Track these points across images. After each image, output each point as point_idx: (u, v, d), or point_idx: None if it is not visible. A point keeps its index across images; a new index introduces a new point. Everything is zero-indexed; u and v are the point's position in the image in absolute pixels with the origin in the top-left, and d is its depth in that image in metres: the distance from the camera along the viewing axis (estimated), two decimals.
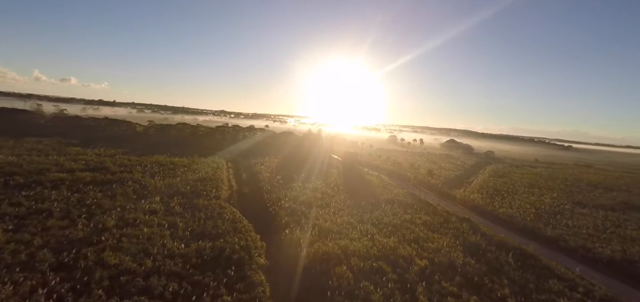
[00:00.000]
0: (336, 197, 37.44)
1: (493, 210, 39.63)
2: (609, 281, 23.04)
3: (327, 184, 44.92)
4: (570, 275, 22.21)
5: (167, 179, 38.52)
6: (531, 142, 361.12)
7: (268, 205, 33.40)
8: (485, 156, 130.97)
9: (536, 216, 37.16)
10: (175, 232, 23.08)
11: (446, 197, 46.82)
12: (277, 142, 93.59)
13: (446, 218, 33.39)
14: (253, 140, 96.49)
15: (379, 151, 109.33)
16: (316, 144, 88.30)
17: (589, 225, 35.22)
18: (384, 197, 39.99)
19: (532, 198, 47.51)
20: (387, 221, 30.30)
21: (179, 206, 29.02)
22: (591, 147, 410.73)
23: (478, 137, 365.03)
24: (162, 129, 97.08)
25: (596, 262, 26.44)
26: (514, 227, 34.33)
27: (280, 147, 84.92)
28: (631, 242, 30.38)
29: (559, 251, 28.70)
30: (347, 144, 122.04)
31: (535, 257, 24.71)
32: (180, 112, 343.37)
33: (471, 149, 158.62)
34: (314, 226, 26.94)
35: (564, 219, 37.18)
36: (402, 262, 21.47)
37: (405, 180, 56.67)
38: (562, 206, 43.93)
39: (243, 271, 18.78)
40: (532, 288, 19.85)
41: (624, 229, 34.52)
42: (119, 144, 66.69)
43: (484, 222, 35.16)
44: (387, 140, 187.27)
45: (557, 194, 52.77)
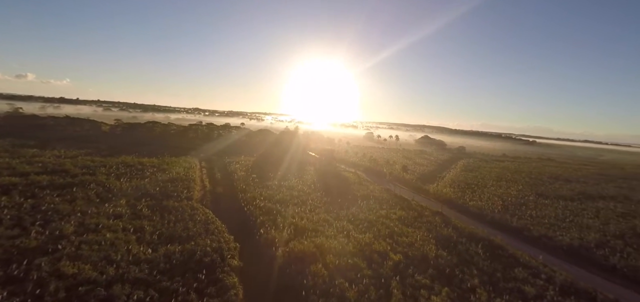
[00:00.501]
0: (312, 195, 37.24)
1: (464, 203, 41.11)
2: (569, 267, 24.53)
3: (303, 181, 44.62)
4: (534, 263, 23.40)
5: (134, 180, 36.54)
6: (499, 137, 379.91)
7: (243, 204, 32.58)
8: (458, 151, 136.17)
9: (503, 207, 38.96)
10: (141, 237, 21.86)
11: (420, 192, 48.01)
12: (253, 140, 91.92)
13: (420, 212, 34.19)
14: (228, 138, 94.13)
15: (356, 147, 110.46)
16: (293, 141, 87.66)
17: (551, 215, 37.44)
18: (360, 193, 40.29)
19: (499, 191, 49.82)
20: (362, 217, 30.52)
21: (147, 209, 27.57)
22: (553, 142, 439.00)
23: (451, 134, 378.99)
24: (131, 128, 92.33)
25: (557, 250, 28.11)
26: (483, 219, 35.79)
27: (256, 146, 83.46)
28: (587, 230, 32.59)
29: (524, 240, 30.24)
30: (325, 141, 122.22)
31: (502, 247, 25.84)
32: (151, 110, 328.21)
33: (444, 145, 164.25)
34: (290, 224, 26.57)
35: (528, 209, 39.28)
36: (377, 258, 21.64)
37: (381, 176, 57.52)
38: (526, 197, 46.42)
39: (215, 274, 18.10)
40: (500, 277, 20.70)
41: (582, 218, 37.01)
42: (82, 144, 62.55)
43: (455, 215, 36.38)
44: (364, 137, 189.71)
45: (522, 186, 55.73)
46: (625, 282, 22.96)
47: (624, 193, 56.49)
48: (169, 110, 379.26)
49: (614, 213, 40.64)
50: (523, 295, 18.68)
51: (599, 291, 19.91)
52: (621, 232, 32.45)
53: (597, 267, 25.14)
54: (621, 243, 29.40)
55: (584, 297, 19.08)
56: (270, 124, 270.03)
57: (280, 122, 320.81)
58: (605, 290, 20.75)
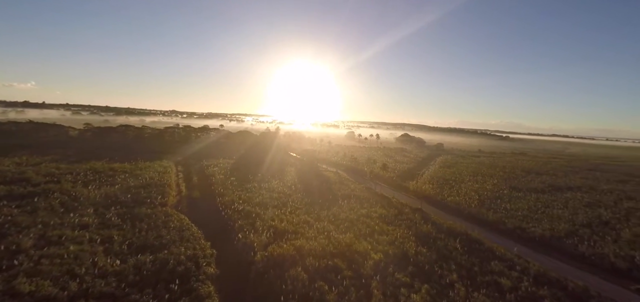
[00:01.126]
0: (293, 196, 36.71)
1: (442, 199, 41.92)
2: (541, 257, 25.39)
3: (284, 183, 43.98)
4: (509, 255, 24.03)
5: (104, 187, 34.59)
6: (475, 134, 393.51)
7: (220, 209, 31.57)
8: (436, 148, 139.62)
9: (479, 202, 40.01)
10: (110, 248, 20.57)
11: (401, 189, 48.55)
12: (233, 142, 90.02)
13: (400, 210, 34.46)
14: (206, 141, 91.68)
15: (338, 147, 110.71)
16: (274, 142, 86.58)
17: (524, 207, 38.84)
18: (341, 193, 40.16)
19: (476, 185, 51.27)
20: (343, 216, 30.35)
21: (116, 217, 26.09)
22: (525, 137, 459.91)
23: (430, 131, 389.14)
24: (101, 132, 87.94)
25: (530, 241, 29.11)
26: (461, 214, 36.59)
27: (236, 148, 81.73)
28: (557, 220, 34.01)
29: (500, 233, 31.13)
30: (306, 142, 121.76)
31: (479, 241, 26.41)
32: (125, 114, 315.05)
33: (423, 142, 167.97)
34: (269, 227, 25.94)
35: (503, 203, 40.59)
36: (357, 258, 21.45)
37: (362, 175, 57.78)
38: (501, 191, 48.02)
39: (189, 283, 17.25)
40: (477, 271, 21.07)
41: (552, 209, 38.64)
42: (47, 150, 58.82)
43: (434, 211, 36.97)
44: (345, 137, 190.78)
45: (497, 180, 57.68)
46: (593, 269, 24.02)
47: (589, 183, 59.75)
48: (144, 113, 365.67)
49: (581, 203, 42.77)
50: (499, 288, 19.06)
51: (569, 280, 20.66)
52: (588, 221, 34.13)
53: (568, 256, 26.19)
54: (588, 231, 30.87)
55: (556, 287, 19.71)
56: (251, 125, 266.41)
57: (261, 123, 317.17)
58: (576, 278, 21.57)
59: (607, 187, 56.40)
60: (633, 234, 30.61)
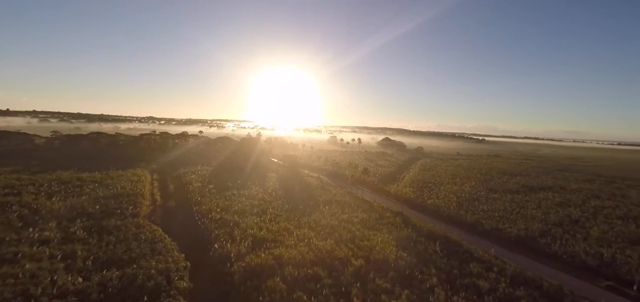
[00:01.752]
0: (273, 203, 35.93)
1: (422, 202, 42.38)
2: (517, 257, 25.97)
3: (264, 189, 43.07)
4: (487, 257, 24.40)
5: (69, 199, 32.46)
6: (454, 137, 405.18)
7: (197, 218, 30.32)
8: (416, 151, 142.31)
9: (458, 204, 40.74)
10: (72, 264, 19.09)
11: (382, 193, 48.76)
12: (212, 149, 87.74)
13: (381, 214, 34.44)
14: (184, 148, 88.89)
15: (320, 152, 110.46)
16: (255, 148, 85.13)
17: (500, 208, 39.90)
18: (322, 198, 39.74)
19: (454, 188, 52.34)
20: (324, 222, 29.90)
21: (82, 231, 24.40)
22: (499, 139, 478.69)
23: (410, 135, 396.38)
24: (71, 140, 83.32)
25: (507, 241, 29.78)
26: (440, 216, 37.06)
27: (215, 154, 79.66)
28: (532, 220, 35.12)
29: (478, 234, 31.69)
30: (288, 147, 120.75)
31: (458, 244, 26.68)
32: (97, 120, 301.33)
33: (404, 146, 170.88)
34: (248, 236, 25.08)
35: (481, 204, 41.55)
36: (338, 265, 21.04)
37: (343, 179, 57.67)
38: (478, 193, 49.24)
39: (159, 299, 16.21)
40: (457, 274, 21.17)
41: (526, 209, 39.93)
42: (8, 160, 54.93)
43: (415, 214, 37.25)
44: (327, 141, 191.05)
45: (475, 182, 59.20)
46: (566, 268, 24.79)
47: (559, 183, 62.51)
48: (118, 119, 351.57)
49: (552, 203, 44.53)
50: (478, 290, 19.18)
51: (544, 279, 21.14)
52: (560, 220, 35.45)
53: (542, 255, 26.94)
54: (560, 230, 32.02)
55: (532, 286, 20.09)
56: (232, 131, 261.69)
57: (242, 129, 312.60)
58: (550, 276, 22.13)
59: (576, 187, 59.19)
60: (601, 232, 32.03)
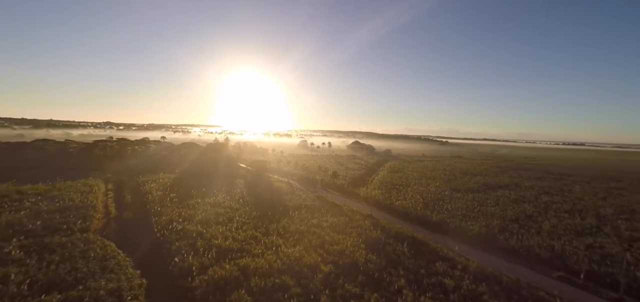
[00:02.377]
0: (241, 211, 34.58)
1: (391, 204, 43.15)
2: (479, 254, 27.07)
3: (231, 196, 41.44)
4: (451, 255, 25.15)
5: (5, 214, 28.82)
6: (420, 139, 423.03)
7: (156, 230, 28.26)
8: (385, 154, 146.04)
9: (424, 204, 41.98)
10: (3, 290, 16.73)
11: (352, 196, 49.03)
12: (176, 155, 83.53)
13: (351, 217, 34.44)
14: (145, 154, 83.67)
15: (290, 156, 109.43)
16: (222, 154, 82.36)
17: (463, 207, 41.70)
18: (292, 203, 39.01)
19: (421, 188, 54.04)
20: (294, 228, 29.22)
21: (18, 250, 21.63)
22: (461, 141, 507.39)
23: (379, 138, 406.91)
24: (11, 148, 75.10)
25: (470, 239, 30.99)
26: (408, 217, 37.88)
27: (179, 161, 75.82)
28: (491, 217, 37.03)
29: (443, 233, 32.71)
30: (258, 152, 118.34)
31: (425, 243, 27.28)
32: (45, 126, 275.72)
33: (373, 149, 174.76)
34: (212, 247, 23.75)
35: (445, 204, 43.16)
36: (306, 272, 20.49)
37: (314, 183, 57.33)
38: (443, 192, 51.22)
39: None
40: (424, 273, 21.51)
41: (486, 207, 42.10)
42: None
43: (384, 216, 37.74)
44: (298, 145, 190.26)
45: (439, 182, 61.62)
46: (522, 261, 26.24)
47: (515, 181, 67.03)
48: (70, 125, 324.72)
49: (509, 199, 47.45)
50: (444, 288, 19.59)
51: (504, 273, 22.16)
52: (516, 216, 37.75)
53: (501, 250, 28.33)
54: (517, 226, 34.03)
55: (492, 281, 20.93)
56: (198, 136, 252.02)
57: (209, 134, 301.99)
58: (508, 271, 23.26)
59: (529, 184, 63.76)
60: (551, 226, 34.51)
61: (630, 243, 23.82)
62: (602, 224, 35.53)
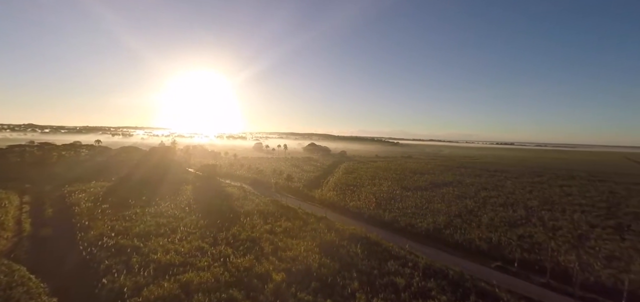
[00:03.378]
0: (186, 220, 31.87)
1: (345, 205, 43.44)
2: (428, 250, 28.18)
3: (177, 204, 38.18)
4: (402, 253, 25.75)
5: None
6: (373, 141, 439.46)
7: (82, 248, 24.61)
8: (340, 155, 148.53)
9: (377, 204, 43.00)
10: None
11: (307, 199, 48.45)
12: (114, 161, 75.45)
13: (305, 220, 33.75)
14: (75, 161, 74.15)
15: (244, 159, 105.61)
16: (167, 158, 76.29)
17: (413, 205, 43.55)
18: (244, 209, 37.14)
19: (374, 188, 55.50)
20: (245, 236, 27.61)
21: None
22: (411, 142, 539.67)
23: (335, 140, 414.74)
24: None
25: (419, 235, 32.29)
26: (362, 217, 38.36)
27: (116, 167, 68.49)
28: (438, 214, 39.13)
29: (395, 231, 33.62)
30: (209, 156, 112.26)
31: (378, 243, 27.61)
32: None
33: (329, 150, 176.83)
34: (150, 262, 21.28)
35: (397, 202, 44.71)
36: (257, 283, 19.25)
37: (268, 187, 55.66)
38: (395, 191, 53.16)
39: None
40: (376, 274, 21.59)
41: (433, 204, 44.49)
42: None
43: (338, 217, 37.73)
44: (253, 148, 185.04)
45: (391, 182, 64.00)
46: (465, 254, 27.91)
47: (458, 179, 72.37)
48: None
49: (453, 196, 50.86)
50: (395, 288, 19.80)
51: (449, 268, 23.21)
52: (459, 212, 40.40)
53: (447, 245, 29.89)
54: (460, 221, 36.35)
55: (440, 276, 21.76)
56: (142, 139, 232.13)
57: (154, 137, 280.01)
58: (454, 264, 24.45)
59: (470, 181, 69.30)
60: (489, 219, 37.52)
61: (554, 232, 26.66)
62: (530, 215, 39.59)
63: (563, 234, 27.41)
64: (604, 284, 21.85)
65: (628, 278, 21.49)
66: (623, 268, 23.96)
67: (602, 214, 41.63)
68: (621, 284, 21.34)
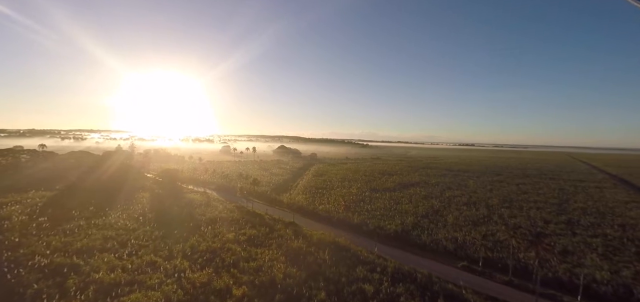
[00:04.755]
0: (139, 231, 28.93)
1: (314, 209, 42.36)
2: (396, 252, 27.87)
3: (129, 214, 34.77)
4: (371, 257, 25.11)
5: None
6: (343, 143, 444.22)
7: (6, 270, 21.13)
8: (310, 158, 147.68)
9: (346, 206, 42.21)
10: None
11: (275, 203, 46.74)
12: (60, 167, 68.33)
13: (272, 227, 32.15)
14: (13, 168, 66.01)
15: (209, 163, 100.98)
16: (123, 163, 70.50)
17: (381, 206, 43.53)
18: (206, 217, 34.71)
19: (343, 191, 55.04)
20: (204, 247, 25.48)
21: None
22: (379, 144, 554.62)
23: (306, 142, 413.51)
24: None
25: (387, 238, 31.99)
26: (331, 221, 37.50)
27: (63, 174, 61.95)
28: (406, 214, 39.34)
29: (363, 234, 33.07)
30: (171, 160, 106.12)
31: (346, 248, 26.79)
32: None
33: (299, 153, 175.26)
34: (90, 284, 18.63)
35: (366, 204, 44.47)
36: (215, 300, 17.49)
37: (234, 192, 53.11)
38: (364, 193, 53.06)
39: None
40: (344, 282, 20.65)
41: (401, 205, 44.82)
42: None
43: (307, 222, 36.55)
44: (220, 151, 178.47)
45: (361, 184, 64.07)
46: (432, 255, 27.92)
47: (424, 179, 74.35)
48: None
49: (420, 196, 51.78)
50: (364, 295, 18.98)
51: (418, 270, 22.92)
52: (426, 212, 40.96)
53: (415, 247, 29.83)
54: (427, 221, 36.74)
55: (409, 280, 21.34)
56: (96, 143, 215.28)
57: (112, 140, 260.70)
58: (422, 266, 24.26)
59: (435, 181, 71.43)
60: (454, 218, 38.36)
61: (514, 230, 27.59)
62: (492, 214, 41.16)
63: (522, 232, 28.42)
64: (561, 279, 22.70)
65: (582, 273, 22.50)
66: (576, 262, 25.21)
67: (554, 210, 44.40)
68: (576, 279, 22.27)
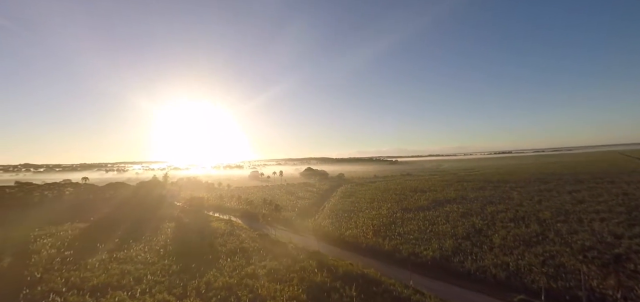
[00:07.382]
0: (157, 265, 27.83)
1: (341, 235, 39.30)
2: (435, 284, 24.08)
3: (152, 246, 34.15)
4: (407, 292, 21.69)
5: None
6: (371, 161, 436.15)
7: None
8: (338, 178, 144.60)
9: (375, 231, 38.75)
10: None
11: (300, 229, 44.39)
12: (98, 198, 71.52)
13: (295, 258, 29.69)
14: (57, 200, 70.14)
15: (238, 189, 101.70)
16: (155, 192, 72.48)
17: (415, 229, 39.51)
18: (226, 247, 33.14)
19: (372, 212, 51.46)
20: (221, 283, 23.58)
21: None
22: (409, 159, 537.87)
23: (333, 163, 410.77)
24: None
25: (424, 266, 28.14)
26: (358, 248, 34.28)
27: (100, 205, 64.46)
28: (444, 237, 35.13)
29: (396, 263, 29.49)
30: (202, 187, 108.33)
31: (377, 282, 23.56)
32: None
33: (326, 174, 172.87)
34: None
35: (397, 227, 40.69)
36: None
37: (257, 219, 51.58)
38: (394, 214, 49.12)
39: None
40: None
41: (438, 226, 40.48)
42: None
43: (332, 250, 33.69)
44: (248, 177, 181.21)
45: (391, 203, 60.01)
46: (479, 286, 23.80)
47: (461, 194, 68.42)
48: None
49: (458, 214, 46.83)
50: None
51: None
52: (467, 233, 36.38)
53: (457, 276, 25.79)
54: (469, 244, 32.33)
55: None
56: (136, 174, 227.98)
57: (150, 170, 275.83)
58: (465, 300, 20.46)
59: (473, 195, 65.34)
60: (501, 238, 33.52)
61: (583, 253, 22.87)
62: (546, 230, 35.69)
63: (595, 255, 23.46)
64: None
65: None
66: None
67: (623, 221, 37.80)
68: None
